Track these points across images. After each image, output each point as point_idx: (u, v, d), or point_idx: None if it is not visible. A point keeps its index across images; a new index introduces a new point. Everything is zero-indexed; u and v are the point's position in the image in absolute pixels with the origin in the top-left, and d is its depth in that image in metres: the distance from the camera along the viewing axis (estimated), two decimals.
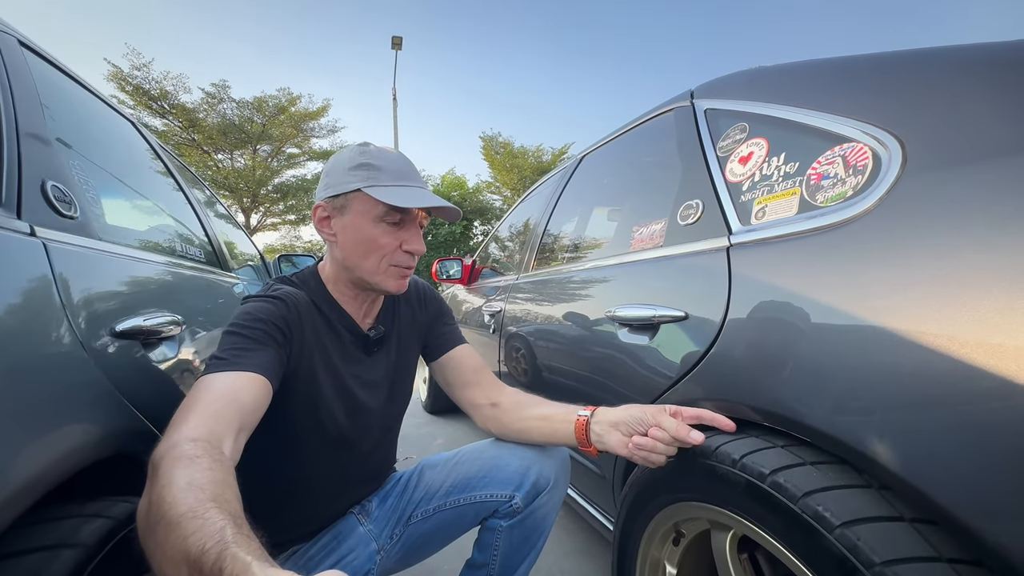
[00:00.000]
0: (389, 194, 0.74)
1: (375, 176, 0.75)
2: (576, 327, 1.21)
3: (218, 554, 0.37)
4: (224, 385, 0.60)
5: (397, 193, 0.75)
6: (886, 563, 0.45)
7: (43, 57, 0.87)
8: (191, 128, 14.45)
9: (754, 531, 0.60)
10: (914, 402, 0.47)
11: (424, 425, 2.83)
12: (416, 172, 0.81)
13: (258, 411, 0.63)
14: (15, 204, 0.56)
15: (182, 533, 0.39)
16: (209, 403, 0.56)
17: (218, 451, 0.50)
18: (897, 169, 0.56)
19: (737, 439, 0.65)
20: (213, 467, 0.46)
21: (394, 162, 0.77)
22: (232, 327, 0.69)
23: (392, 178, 0.76)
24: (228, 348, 0.65)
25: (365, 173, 0.75)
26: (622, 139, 1.41)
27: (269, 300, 0.74)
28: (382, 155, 0.77)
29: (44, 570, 0.41)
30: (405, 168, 0.79)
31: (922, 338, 0.47)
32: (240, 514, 0.43)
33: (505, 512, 0.86)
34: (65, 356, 0.52)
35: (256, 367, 0.64)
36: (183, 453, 0.47)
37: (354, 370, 0.84)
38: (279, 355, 0.70)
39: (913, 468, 0.46)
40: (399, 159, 0.79)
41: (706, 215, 0.86)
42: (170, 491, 0.42)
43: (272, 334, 0.70)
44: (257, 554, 0.37)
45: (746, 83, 0.92)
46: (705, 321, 0.76)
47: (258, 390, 0.63)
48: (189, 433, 0.50)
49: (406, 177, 0.78)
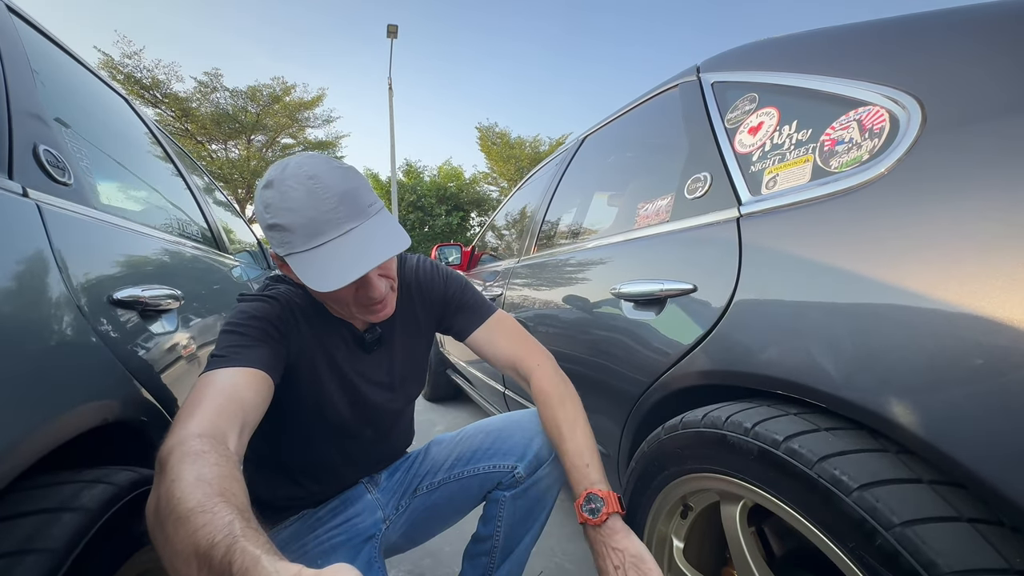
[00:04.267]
0: (310, 272, 0.62)
1: (289, 241, 0.63)
2: (579, 307, 1.19)
3: (227, 547, 0.37)
4: (226, 382, 0.60)
5: (318, 266, 0.62)
6: (906, 523, 0.44)
7: (35, 27, 0.84)
8: (184, 118, 14.27)
9: (767, 500, 0.59)
10: (937, 364, 0.46)
11: (424, 412, 2.83)
12: (334, 200, 0.63)
13: (260, 406, 0.62)
14: (7, 164, 0.54)
15: (191, 527, 0.39)
16: (212, 399, 0.56)
17: (223, 447, 0.50)
18: (916, 130, 0.55)
19: (748, 408, 0.64)
20: (220, 462, 0.47)
21: (302, 211, 0.62)
22: (229, 326, 0.68)
23: (306, 237, 0.63)
24: (227, 346, 0.65)
25: (278, 237, 0.64)
26: (625, 118, 1.39)
27: (264, 299, 0.73)
28: (286, 201, 0.62)
29: (44, 532, 0.40)
30: (317, 211, 0.62)
31: (945, 297, 0.46)
32: (247, 508, 0.44)
33: (508, 483, 0.87)
34: (60, 317, 0.50)
35: (256, 363, 0.64)
36: (190, 449, 0.47)
37: (357, 366, 0.83)
38: (277, 351, 0.69)
39: (935, 429, 0.45)
40: (305, 201, 0.62)
41: (715, 187, 0.85)
42: (178, 487, 0.42)
43: (268, 331, 0.69)
44: (266, 548, 0.38)
45: (755, 54, 0.91)
46: (715, 292, 0.75)
47: (259, 386, 0.63)
48: (194, 429, 0.50)
49: (322, 227, 0.63)
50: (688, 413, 0.73)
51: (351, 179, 0.67)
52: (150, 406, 0.65)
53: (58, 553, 0.39)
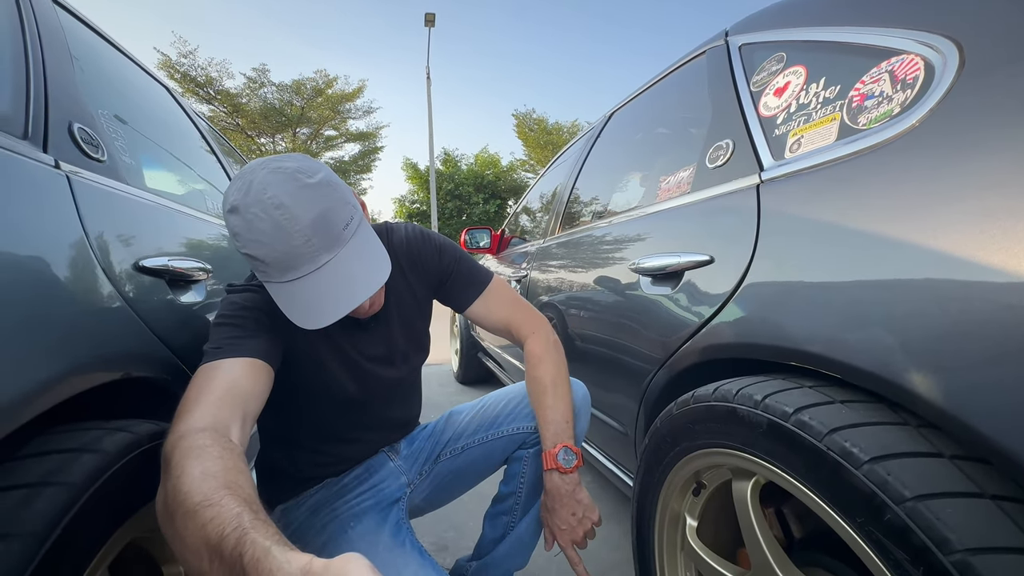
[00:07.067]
0: (291, 307, 0.62)
1: (264, 271, 0.62)
2: (600, 284, 1.17)
3: (237, 539, 0.37)
4: (224, 373, 0.59)
5: (298, 302, 0.62)
6: (919, 498, 0.41)
7: (78, 17, 0.90)
8: (235, 113, 14.97)
9: (778, 475, 0.57)
10: (963, 331, 0.42)
11: (455, 395, 2.88)
12: (305, 231, 0.59)
13: (261, 395, 0.63)
14: (42, 139, 0.59)
15: (200, 521, 0.40)
16: (211, 391, 0.56)
17: (226, 439, 0.51)
18: (952, 75, 0.50)
19: (761, 381, 0.61)
20: (224, 455, 0.47)
21: (272, 244, 0.59)
22: (220, 318, 0.68)
23: (280, 271, 0.61)
24: (221, 338, 0.65)
25: (254, 264, 0.62)
26: (652, 91, 1.34)
27: (252, 289, 0.73)
28: (253, 233, 0.59)
29: (66, 468, 0.44)
30: (288, 244, 0.59)
31: (975, 256, 0.42)
32: (255, 499, 0.44)
33: (532, 443, 0.90)
34: (83, 278, 0.54)
35: (252, 352, 0.64)
36: (193, 443, 0.47)
37: (356, 344, 0.83)
38: (273, 339, 0.69)
39: (958, 400, 0.42)
40: (274, 234, 0.58)
41: (736, 154, 0.80)
42: (184, 481, 0.43)
43: (261, 320, 0.69)
44: (275, 539, 0.38)
45: (784, 9, 0.85)
46: (731, 263, 0.72)
47: (258, 374, 0.63)
48: (196, 423, 0.51)
49: (295, 261, 0.60)
50: (700, 388, 0.71)
51: (321, 200, 0.61)
52: (174, 365, 0.69)
53: (75, 487, 0.43)
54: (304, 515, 0.85)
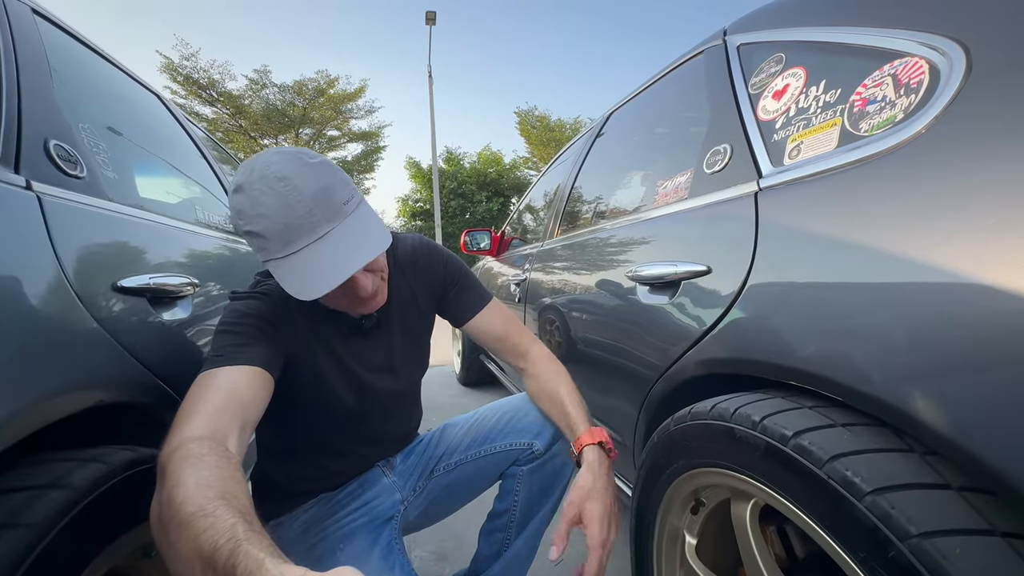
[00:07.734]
0: (290, 280, 0.62)
1: (265, 247, 0.62)
2: (596, 291, 1.15)
3: (231, 551, 0.37)
4: (223, 382, 0.59)
5: (297, 273, 0.61)
6: (925, 535, 0.38)
7: (61, 27, 0.88)
8: (238, 115, 15.01)
9: (776, 500, 0.54)
10: (970, 355, 0.40)
11: (457, 396, 2.87)
12: (307, 202, 0.60)
13: (259, 404, 0.62)
14: (13, 159, 0.57)
15: (194, 531, 0.39)
16: (210, 400, 0.56)
17: (223, 448, 0.50)
18: (959, 80, 0.47)
19: (760, 400, 0.59)
20: (220, 464, 0.46)
21: (274, 216, 0.60)
22: (223, 326, 0.68)
23: (282, 244, 0.61)
24: (222, 346, 0.64)
25: (255, 243, 0.63)
26: (650, 91, 1.31)
27: (256, 296, 0.73)
28: (257, 207, 0.60)
29: (31, 506, 0.42)
30: (290, 216, 0.60)
31: (985, 276, 0.39)
32: (250, 510, 0.43)
33: (526, 459, 0.88)
34: (53, 302, 0.52)
35: (253, 360, 0.63)
36: (189, 452, 0.47)
37: (356, 353, 0.82)
38: (274, 347, 0.69)
39: (969, 429, 0.39)
40: (276, 206, 0.59)
41: (734, 160, 0.78)
42: (179, 491, 0.42)
43: (263, 328, 0.69)
44: (269, 550, 0.38)
45: (784, 8, 0.82)
46: (729, 274, 0.69)
47: (257, 383, 0.62)
48: (193, 432, 0.50)
49: (296, 232, 0.60)
50: (698, 404, 0.68)
51: (324, 176, 0.63)
52: (158, 389, 0.68)
53: (39, 527, 0.41)
54: (295, 533, 0.84)
